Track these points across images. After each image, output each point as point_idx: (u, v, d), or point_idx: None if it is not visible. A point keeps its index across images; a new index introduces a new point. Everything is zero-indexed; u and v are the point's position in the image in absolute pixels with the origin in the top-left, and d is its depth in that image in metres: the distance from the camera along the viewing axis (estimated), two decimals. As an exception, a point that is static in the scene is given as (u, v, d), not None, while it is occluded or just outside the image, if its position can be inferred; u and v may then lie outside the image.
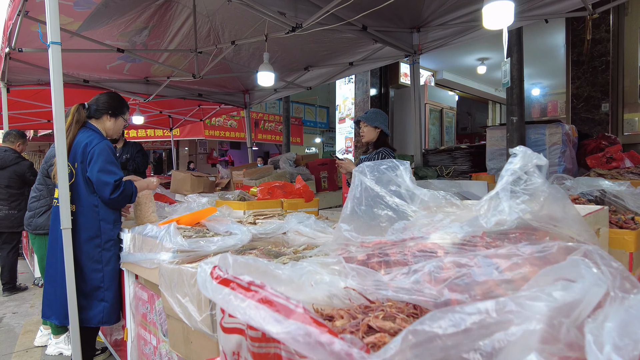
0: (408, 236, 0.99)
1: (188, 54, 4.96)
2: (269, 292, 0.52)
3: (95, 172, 2.40)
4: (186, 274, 1.63)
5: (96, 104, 2.65)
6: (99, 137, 2.51)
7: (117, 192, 2.41)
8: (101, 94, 2.74)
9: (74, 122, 2.53)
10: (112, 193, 2.40)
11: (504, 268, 0.72)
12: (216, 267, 0.61)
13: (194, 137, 13.31)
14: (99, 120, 2.65)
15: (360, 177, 1.05)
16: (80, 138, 2.50)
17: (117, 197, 2.42)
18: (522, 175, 0.93)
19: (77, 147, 2.48)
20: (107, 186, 2.39)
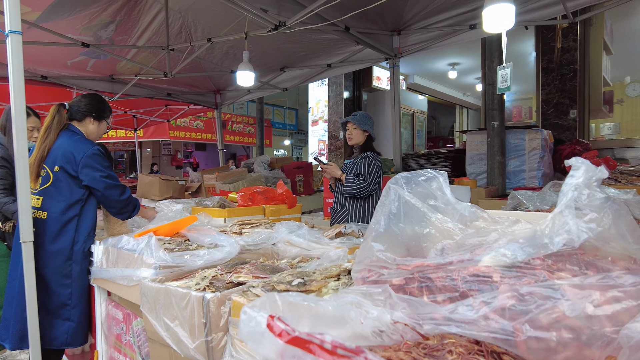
0: (455, 258, 0.87)
1: (158, 52, 4.69)
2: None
3: (98, 179, 2.26)
4: (175, 295, 1.45)
5: (78, 105, 2.45)
6: (88, 143, 2.34)
7: (125, 194, 2.34)
8: (83, 95, 2.55)
9: (54, 124, 2.34)
10: (122, 194, 2.32)
11: (600, 302, 0.62)
12: (275, 318, 0.47)
13: (158, 138, 12.80)
14: (81, 122, 2.46)
15: (398, 189, 0.92)
16: (62, 141, 2.31)
17: (127, 199, 2.34)
18: (584, 190, 0.83)
19: (58, 150, 2.29)
20: (116, 188, 2.30)
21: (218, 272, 1.68)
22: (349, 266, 1.51)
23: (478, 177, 4.12)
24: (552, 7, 3.44)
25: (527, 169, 3.83)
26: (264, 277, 1.59)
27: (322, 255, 1.90)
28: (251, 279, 1.58)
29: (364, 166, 3.18)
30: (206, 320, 1.35)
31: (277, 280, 1.42)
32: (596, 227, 0.77)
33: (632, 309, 0.59)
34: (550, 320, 0.64)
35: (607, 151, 5.53)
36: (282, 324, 0.45)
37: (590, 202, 0.82)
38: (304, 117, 16.50)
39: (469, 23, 3.94)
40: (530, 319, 0.65)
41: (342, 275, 1.48)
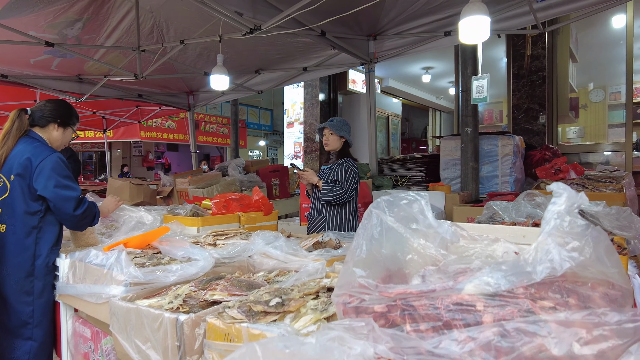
0: (438, 286, 0.85)
1: (128, 52, 4.54)
2: None
3: (51, 188, 2.08)
4: (147, 317, 1.39)
5: (42, 110, 2.30)
6: (48, 149, 2.18)
7: (81, 208, 2.14)
8: (48, 100, 2.40)
9: (14, 130, 2.19)
10: (76, 208, 2.12)
11: (587, 340, 0.61)
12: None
13: (128, 139, 12.44)
14: (44, 129, 2.30)
15: (380, 214, 0.90)
16: (21, 148, 2.15)
17: (82, 213, 2.14)
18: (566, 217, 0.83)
19: (15, 158, 2.14)
20: (70, 201, 2.10)
21: (191, 290, 1.62)
22: (327, 283, 1.48)
23: (452, 182, 4.18)
24: (524, 17, 3.52)
25: (500, 174, 3.91)
26: (240, 294, 1.55)
27: (300, 268, 1.87)
28: (226, 296, 1.53)
29: (341, 173, 3.16)
30: (180, 343, 1.30)
31: (254, 300, 1.37)
32: (578, 256, 0.77)
33: (617, 348, 0.59)
34: (536, 358, 0.63)
35: (574, 156, 5.73)
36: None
37: (571, 230, 0.82)
38: (279, 118, 16.39)
39: (443, 30, 3.99)
40: (517, 357, 0.64)
41: (321, 293, 1.46)
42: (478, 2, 2.10)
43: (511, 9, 3.58)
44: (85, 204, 2.18)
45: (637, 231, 1.83)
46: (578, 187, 3.38)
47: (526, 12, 3.53)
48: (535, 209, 1.89)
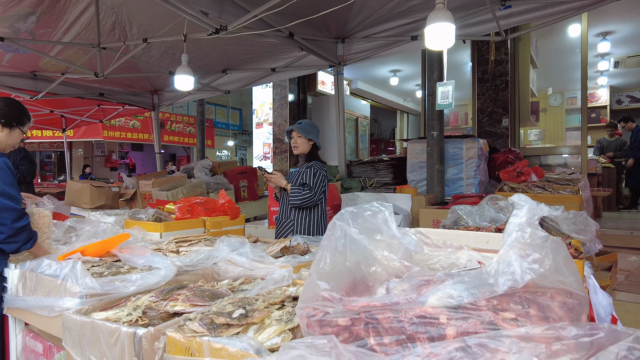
0: (402, 298, 0.85)
1: (88, 49, 4.35)
2: None
3: None
4: (103, 331, 1.32)
5: None
6: None
7: (22, 222, 1.96)
8: None
9: None
10: (16, 220, 1.94)
11: (547, 354, 0.61)
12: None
13: (90, 139, 11.96)
14: None
15: (344, 226, 0.88)
16: None
17: (21, 228, 1.97)
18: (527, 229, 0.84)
19: None
20: (11, 212, 1.93)
21: (152, 300, 1.56)
22: (293, 292, 1.46)
23: (418, 184, 4.24)
24: (487, 24, 3.62)
25: (465, 177, 4.00)
26: (202, 305, 1.50)
27: (266, 275, 1.83)
28: (188, 307, 1.48)
29: (310, 176, 3.14)
30: (138, 358, 1.24)
31: (216, 311, 1.33)
32: (539, 267, 0.78)
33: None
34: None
35: (535, 158, 5.96)
36: None
37: (532, 242, 0.83)
38: (248, 118, 16.19)
39: (410, 34, 4.04)
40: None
41: (287, 302, 1.43)
42: (443, 10, 2.13)
43: (475, 15, 3.67)
44: (25, 219, 2.00)
45: (592, 234, 1.91)
46: (538, 189, 3.51)
47: (490, 20, 3.63)
48: (498, 213, 1.93)
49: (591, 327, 0.61)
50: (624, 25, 6.80)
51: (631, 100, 11.20)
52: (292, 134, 3.19)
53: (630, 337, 0.57)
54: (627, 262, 4.21)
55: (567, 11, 3.50)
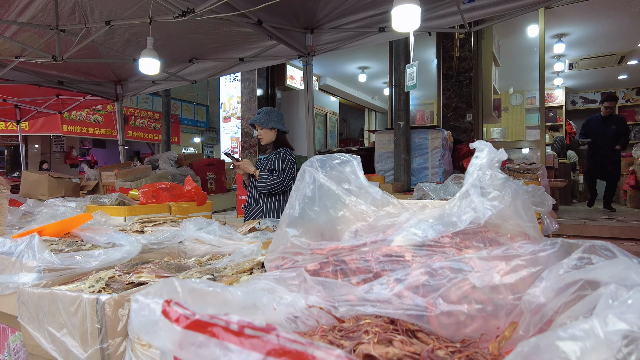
0: (369, 240, 0.86)
1: (45, 32, 4.15)
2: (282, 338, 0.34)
3: None
4: (63, 300, 1.27)
5: None
6: None
7: None
8: None
9: None
10: None
11: (506, 270, 0.64)
12: (172, 303, 0.40)
13: (48, 133, 11.41)
14: None
15: (313, 172, 0.89)
16: None
17: None
18: (487, 171, 0.88)
19: None
20: None
21: (116, 273, 1.52)
22: (262, 259, 1.45)
23: (386, 173, 4.32)
24: (452, 17, 3.73)
25: (430, 166, 4.10)
26: (169, 276, 1.47)
27: (234, 251, 1.81)
28: (154, 278, 1.45)
29: (278, 162, 3.13)
30: (101, 325, 1.20)
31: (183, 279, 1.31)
32: (499, 204, 0.81)
33: (532, 275, 0.62)
34: (461, 293, 0.65)
35: (496, 152, 6.17)
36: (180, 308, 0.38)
37: (492, 182, 0.86)
38: (215, 115, 15.93)
39: (378, 26, 4.10)
40: (443, 294, 0.66)
41: (256, 269, 1.42)
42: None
43: (441, 8, 3.77)
44: None
45: (548, 207, 2.00)
46: (499, 177, 3.64)
47: (454, 13, 3.74)
48: (461, 188, 2.00)
49: (545, 243, 0.64)
50: (577, 27, 7.17)
51: (584, 102, 11.82)
52: (256, 126, 3.18)
53: (580, 248, 0.61)
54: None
55: (526, 6, 3.66)
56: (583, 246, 0.62)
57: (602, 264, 0.51)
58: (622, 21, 6.84)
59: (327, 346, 0.34)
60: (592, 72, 9.67)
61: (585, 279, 0.54)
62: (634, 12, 6.51)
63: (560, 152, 8.25)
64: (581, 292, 0.56)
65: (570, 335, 0.35)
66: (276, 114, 3.21)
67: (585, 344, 0.34)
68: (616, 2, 6.15)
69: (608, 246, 0.58)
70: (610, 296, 0.42)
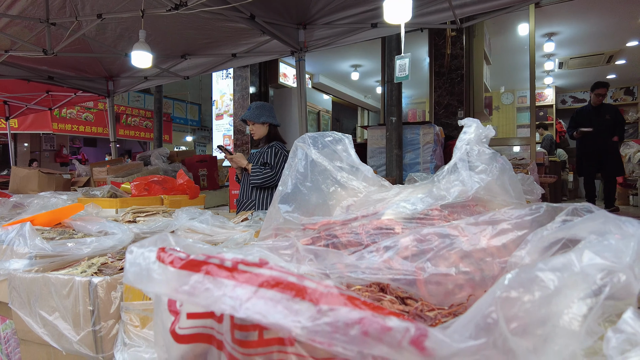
0: (360, 214, 0.88)
1: (35, 25, 4.11)
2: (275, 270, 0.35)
3: None
4: (55, 283, 1.27)
5: None
6: None
7: None
8: None
9: None
10: None
11: (493, 234, 0.66)
12: (166, 249, 0.41)
13: (38, 131, 11.29)
14: None
15: (305, 148, 0.91)
16: None
17: None
18: (475, 146, 0.90)
19: None
20: None
21: (108, 260, 1.52)
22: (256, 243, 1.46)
23: (378, 169, 4.34)
24: (443, 13, 3.76)
25: (422, 161, 4.13)
26: (162, 261, 1.47)
27: (226, 239, 1.82)
28: (147, 263, 1.45)
29: (271, 155, 3.14)
30: (93, 307, 1.21)
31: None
32: (486, 177, 0.83)
33: (518, 238, 0.64)
34: (449, 257, 0.67)
35: (487, 148, 6.23)
36: (174, 252, 0.39)
37: (480, 157, 0.88)
38: (207, 113, 15.88)
39: (370, 22, 4.13)
40: (431, 257, 0.67)
41: (248, 253, 1.43)
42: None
43: (432, 5, 3.80)
44: None
45: (537, 196, 2.03)
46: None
47: (445, 9, 3.77)
48: (452, 178, 2.02)
49: (531, 208, 0.66)
50: (567, 26, 7.26)
51: (574, 101, 11.96)
52: (247, 122, 3.19)
53: (564, 211, 0.63)
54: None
55: (515, 3, 3.70)
56: (566, 209, 0.64)
57: (581, 220, 0.53)
58: (610, 21, 6.95)
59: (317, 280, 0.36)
60: (581, 71, 9.80)
61: (567, 237, 0.56)
62: (622, 12, 6.61)
63: (549, 150, 8.36)
64: (564, 250, 0.58)
65: (550, 267, 0.37)
66: (267, 108, 3.22)
67: (563, 275, 0.36)
68: (605, 2, 6.24)
69: (590, 207, 0.60)
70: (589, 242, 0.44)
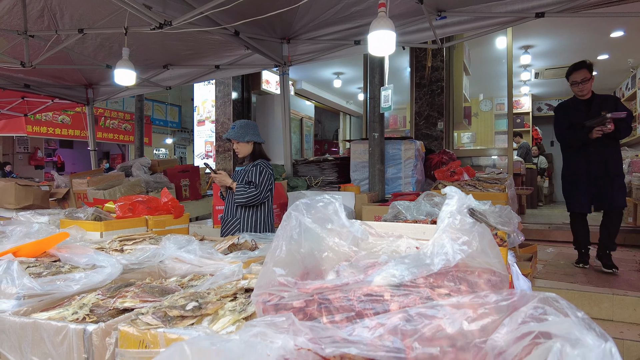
0: (351, 280, 0.94)
1: (11, 36, 4.03)
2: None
3: None
4: (48, 330, 1.28)
5: None
6: None
7: None
8: None
9: None
10: None
11: (473, 318, 0.73)
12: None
13: (11, 134, 10.99)
14: None
15: (299, 216, 0.96)
16: None
17: None
18: (457, 216, 0.96)
19: None
20: None
21: (99, 298, 1.53)
22: (244, 284, 1.50)
23: (361, 182, 4.42)
24: (425, 32, 3.87)
25: (403, 176, 4.23)
26: (153, 301, 1.50)
27: (215, 271, 1.85)
28: (138, 303, 1.47)
29: (255, 174, 3.17)
30: (88, 355, 1.23)
31: (169, 305, 1.34)
32: (467, 248, 0.90)
33: (496, 321, 0.71)
34: (435, 337, 0.73)
35: (467, 159, 6.40)
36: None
37: (462, 227, 0.95)
38: (188, 115, 15.74)
39: (353, 39, 4.20)
40: (419, 337, 0.74)
41: (239, 294, 1.47)
42: (385, 18, 2.27)
43: (414, 24, 3.90)
44: None
45: (514, 226, 2.14)
46: (470, 188, 3.80)
47: (427, 28, 3.88)
48: (433, 207, 2.11)
49: (507, 293, 0.73)
50: (542, 40, 7.51)
51: (549, 108, 12.34)
52: (232, 140, 3.20)
53: (536, 298, 0.70)
54: (545, 253, 4.69)
55: (494, 25, 3.83)
56: (537, 297, 0.72)
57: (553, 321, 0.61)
58: (583, 36, 7.22)
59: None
60: (556, 81, 10.12)
61: (539, 330, 0.64)
62: (593, 28, 6.88)
63: (525, 157, 8.62)
64: (536, 340, 0.66)
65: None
66: (251, 127, 3.23)
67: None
68: (578, 19, 6.49)
69: (557, 298, 0.68)
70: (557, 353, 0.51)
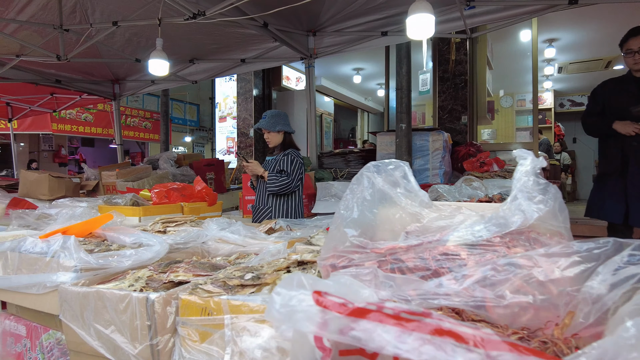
0: (425, 239, 0.94)
1: (45, 31, 4.12)
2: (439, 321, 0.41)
3: None
4: (110, 299, 1.32)
5: None
6: None
7: None
8: None
9: None
10: None
11: (565, 266, 0.73)
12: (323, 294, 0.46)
13: (37, 131, 11.25)
14: None
15: (371, 176, 0.97)
16: None
17: None
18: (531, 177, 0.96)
19: None
20: None
21: (153, 272, 1.57)
22: (297, 258, 1.52)
23: (388, 175, 4.41)
24: (453, 23, 3.84)
25: (431, 167, 4.21)
26: (205, 275, 1.53)
27: (259, 251, 1.87)
28: (192, 277, 1.50)
29: (287, 163, 3.19)
30: (151, 322, 1.26)
31: (225, 276, 1.37)
32: (544, 207, 0.90)
33: (588, 269, 0.71)
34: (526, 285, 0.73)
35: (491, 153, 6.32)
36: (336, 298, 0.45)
37: (536, 187, 0.95)
38: (206, 114, 15.90)
39: (380, 30, 4.19)
40: (509, 286, 0.74)
41: (292, 267, 1.49)
42: (424, 1, 2.27)
43: (443, 14, 3.87)
44: None
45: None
46: (500, 179, 3.76)
47: (455, 19, 3.85)
48: (475, 190, 2.09)
49: (599, 242, 0.73)
50: (567, 33, 7.38)
51: (572, 104, 12.12)
52: (262, 130, 3.24)
53: (630, 246, 0.69)
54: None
55: (522, 15, 3.78)
56: (633, 244, 0.71)
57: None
58: (609, 28, 7.07)
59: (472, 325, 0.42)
60: (580, 76, 9.94)
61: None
62: (619, 20, 6.72)
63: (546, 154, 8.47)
64: (637, 285, 0.65)
65: None
66: (282, 117, 3.27)
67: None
68: (603, 10, 6.35)
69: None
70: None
